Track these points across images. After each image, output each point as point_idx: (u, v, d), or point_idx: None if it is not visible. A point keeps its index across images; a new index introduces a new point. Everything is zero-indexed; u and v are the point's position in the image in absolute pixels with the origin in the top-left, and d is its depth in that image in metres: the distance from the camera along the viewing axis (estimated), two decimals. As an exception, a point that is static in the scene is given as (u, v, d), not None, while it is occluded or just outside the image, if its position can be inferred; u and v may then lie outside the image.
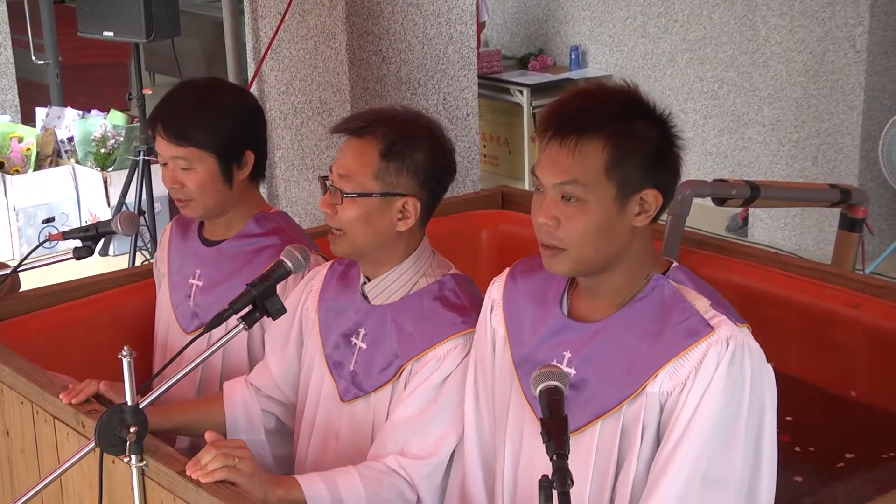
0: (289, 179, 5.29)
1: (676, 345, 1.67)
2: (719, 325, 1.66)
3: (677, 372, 1.66)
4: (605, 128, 1.65)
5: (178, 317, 2.43)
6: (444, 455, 1.92)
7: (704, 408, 1.63)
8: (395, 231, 1.97)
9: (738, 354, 1.64)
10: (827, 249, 3.71)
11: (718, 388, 1.63)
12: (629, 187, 1.66)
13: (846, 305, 2.45)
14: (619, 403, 1.69)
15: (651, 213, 1.69)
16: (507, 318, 1.85)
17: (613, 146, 1.64)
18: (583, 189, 1.65)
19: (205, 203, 2.32)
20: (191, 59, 8.99)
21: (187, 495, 1.74)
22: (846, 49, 5.24)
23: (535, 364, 1.74)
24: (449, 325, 1.95)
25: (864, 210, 3.16)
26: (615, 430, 1.70)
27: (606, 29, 6.83)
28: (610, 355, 1.71)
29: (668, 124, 1.71)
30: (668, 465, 1.63)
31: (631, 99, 1.71)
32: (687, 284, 1.73)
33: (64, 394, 2.00)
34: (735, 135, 6.25)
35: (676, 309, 1.69)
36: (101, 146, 5.62)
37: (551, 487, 1.40)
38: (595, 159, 1.64)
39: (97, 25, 4.94)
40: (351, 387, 2.03)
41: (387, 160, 1.94)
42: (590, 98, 1.70)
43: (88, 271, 2.80)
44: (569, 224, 1.66)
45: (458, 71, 5.17)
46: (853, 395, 2.45)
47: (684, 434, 1.63)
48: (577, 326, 1.75)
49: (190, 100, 2.31)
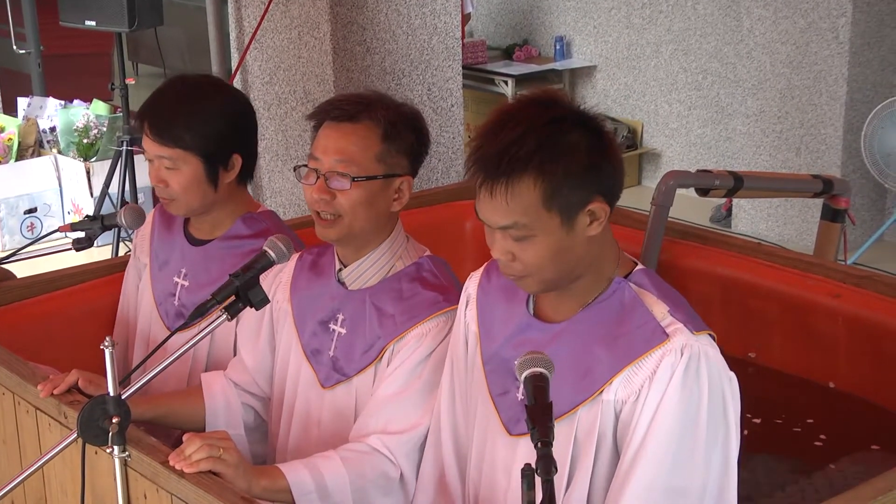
0: (273, 170, 5.28)
1: (631, 351, 1.65)
2: (675, 334, 1.64)
3: (631, 380, 1.64)
4: (532, 162, 1.60)
5: (162, 314, 2.41)
6: (424, 429, 1.93)
7: (661, 419, 1.61)
8: (388, 212, 1.99)
9: (693, 364, 1.61)
10: (810, 240, 3.73)
11: (674, 398, 1.61)
12: (572, 209, 1.63)
13: (828, 296, 2.46)
14: (574, 407, 1.68)
15: (602, 220, 1.66)
16: (479, 315, 1.85)
17: (545, 179, 1.61)
18: (526, 228, 1.63)
19: (188, 203, 2.30)
20: (174, 49, 8.94)
21: (170, 486, 1.74)
22: (829, 40, 5.25)
23: (500, 361, 1.74)
24: (431, 304, 1.96)
25: (846, 200, 3.17)
26: (569, 433, 1.68)
27: (591, 19, 6.83)
28: (569, 358, 1.69)
29: (596, 126, 1.67)
30: (628, 478, 1.61)
31: (552, 115, 1.65)
32: (648, 289, 1.70)
33: (42, 385, 1.98)
34: (719, 125, 6.27)
35: (635, 314, 1.67)
36: (84, 136, 5.59)
37: (534, 475, 1.39)
38: (530, 197, 1.61)
39: (79, 15, 4.90)
40: (332, 373, 2.03)
41: (387, 142, 1.96)
42: (510, 131, 1.63)
43: (71, 262, 2.78)
44: (523, 256, 1.66)
45: (443, 61, 5.16)
46: (832, 385, 2.46)
47: (642, 446, 1.61)
48: (541, 326, 1.74)
49: (179, 99, 2.28)
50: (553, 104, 1.67)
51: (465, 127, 5.57)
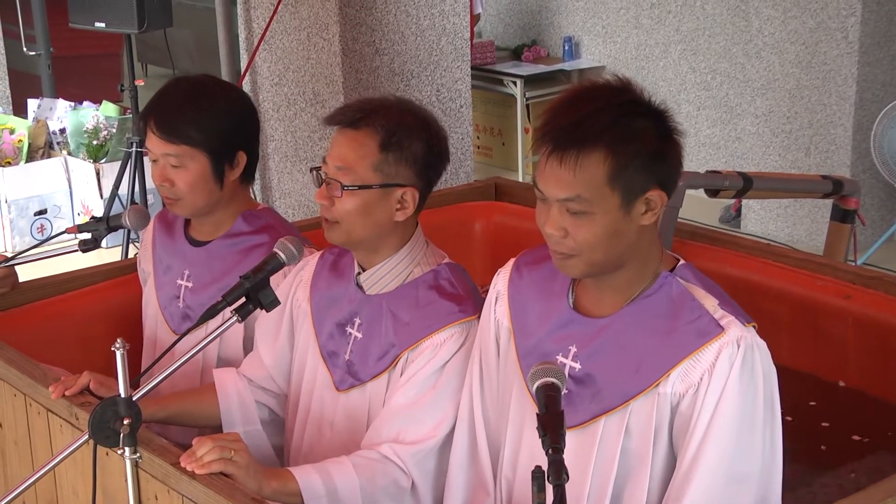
0: (282, 171, 5.28)
1: (687, 345, 1.67)
2: (729, 326, 1.67)
3: (689, 373, 1.67)
4: (604, 138, 1.63)
5: (167, 318, 2.41)
6: (437, 440, 1.93)
7: (723, 410, 1.64)
8: (392, 221, 1.97)
9: (748, 355, 1.66)
10: (819, 240, 3.72)
11: (734, 389, 1.64)
12: (633, 192, 1.65)
13: (838, 296, 2.46)
14: (627, 401, 1.70)
15: (657, 211, 1.68)
16: (512, 310, 1.85)
17: (614, 157, 1.63)
18: (587, 203, 1.64)
19: (194, 202, 2.29)
20: (183, 51, 8.96)
21: (181, 487, 1.74)
22: (838, 40, 5.24)
23: (540, 356, 1.75)
24: (445, 314, 1.95)
25: (855, 201, 3.16)
26: (620, 427, 1.70)
27: (600, 20, 6.83)
28: (617, 352, 1.71)
29: (665, 117, 1.70)
30: (693, 468, 1.64)
31: (626, 99, 1.68)
32: (694, 283, 1.73)
33: (53, 386, 1.99)
34: (728, 126, 6.26)
35: (686, 308, 1.69)
36: (94, 138, 5.61)
37: (545, 479, 1.40)
38: (597, 172, 1.63)
39: (89, 16, 4.91)
40: (346, 376, 2.03)
41: (386, 152, 1.94)
42: (585, 105, 1.66)
43: (81, 264, 2.79)
44: (577, 234, 1.66)
45: (452, 62, 5.17)
46: (842, 384, 2.46)
47: (706, 437, 1.64)
48: (584, 321, 1.75)
49: (184, 97, 2.28)
50: (626, 89, 1.70)
51: (473, 128, 5.57)
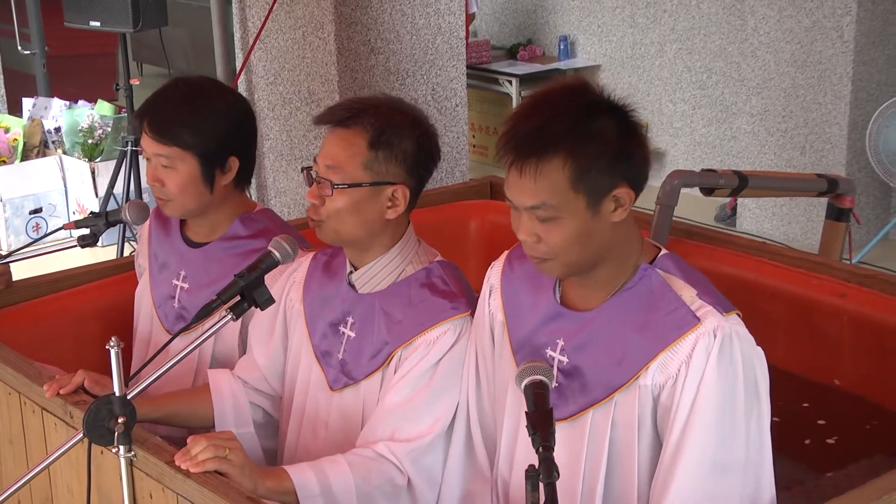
0: (277, 170, 5.28)
1: (665, 336, 1.69)
2: (706, 317, 1.68)
3: (668, 365, 1.68)
4: (564, 143, 1.64)
5: (161, 317, 2.40)
6: (432, 438, 1.93)
7: (702, 399, 1.65)
8: (383, 219, 1.98)
9: (726, 344, 1.66)
10: (814, 239, 3.72)
11: (712, 378, 1.65)
12: (599, 193, 1.66)
13: (833, 295, 2.46)
14: (611, 393, 1.72)
15: (627, 207, 1.69)
16: (505, 303, 1.87)
17: (574, 160, 1.64)
18: (553, 209, 1.66)
19: (184, 204, 2.29)
20: (178, 50, 8.96)
21: (176, 486, 1.74)
22: (834, 39, 5.25)
23: (531, 348, 1.77)
24: (438, 311, 1.95)
25: (851, 200, 3.17)
26: (606, 419, 1.72)
27: (595, 19, 6.83)
28: (601, 345, 1.73)
29: (626, 114, 1.70)
30: (677, 457, 1.66)
31: (584, 100, 1.69)
32: (674, 273, 1.74)
33: (47, 385, 1.99)
34: (723, 125, 6.27)
35: (664, 300, 1.71)
36: (89, 137, 5.60)
37: (538, 478, 1.41)
38: (558, 178, 1.64)
39: (84, 15, 4.91)
40: (340, 375, 2.03)
41: (375, 150, 1.94)
42: (543, 112, 1.67)
43: (76, 262, 2.79)
44: (549, 238, 1.68)
45: (447, 61, 5.16)
46: (837, 383, 2.46)
47: (687, 426, 1.66)
48: (571, 315, 1.77)
49: (179, 98, 2.28)
50: (584, 91, 1.70)
51: (468, 127, 5.57)
